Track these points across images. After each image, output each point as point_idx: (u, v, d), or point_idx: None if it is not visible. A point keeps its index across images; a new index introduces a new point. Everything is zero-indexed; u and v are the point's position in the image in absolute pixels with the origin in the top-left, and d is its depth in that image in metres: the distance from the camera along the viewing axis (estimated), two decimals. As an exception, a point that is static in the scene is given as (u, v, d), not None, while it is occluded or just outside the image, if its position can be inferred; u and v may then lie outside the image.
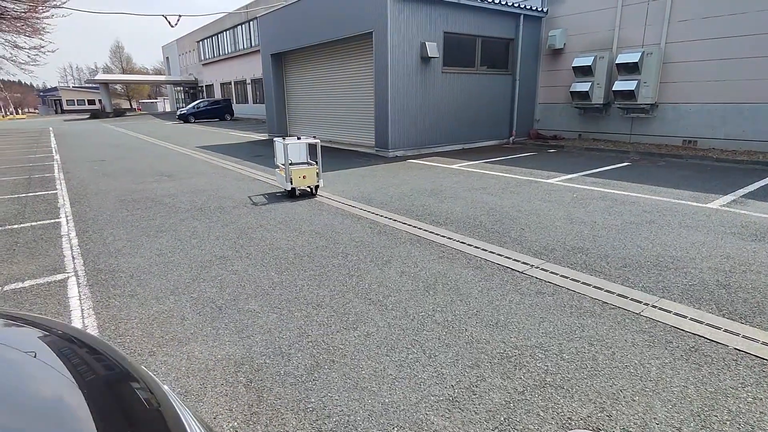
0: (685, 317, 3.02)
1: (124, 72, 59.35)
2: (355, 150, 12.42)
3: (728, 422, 2.05)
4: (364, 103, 12.31)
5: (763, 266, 3.84)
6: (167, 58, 50.46)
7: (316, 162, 6.88)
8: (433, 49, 10.77)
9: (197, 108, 29.65)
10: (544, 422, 2.08)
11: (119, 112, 42.14)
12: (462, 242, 4.64)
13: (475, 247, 4.50)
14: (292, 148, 6.94)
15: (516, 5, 12.22)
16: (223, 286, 3.67)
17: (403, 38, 10.50)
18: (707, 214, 5.46)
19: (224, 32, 33.30)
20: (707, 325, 2.92)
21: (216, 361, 2.63)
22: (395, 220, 5.48)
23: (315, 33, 12.95)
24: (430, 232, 5.01)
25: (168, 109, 53.50)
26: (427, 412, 2.16)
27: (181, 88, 46.06)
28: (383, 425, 2.09)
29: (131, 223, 5.60)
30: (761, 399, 2.20)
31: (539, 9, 12.86)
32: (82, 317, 3.21)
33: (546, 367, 2.49)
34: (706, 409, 2.15)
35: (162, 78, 50.13)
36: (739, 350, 2.63)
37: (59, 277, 3.97)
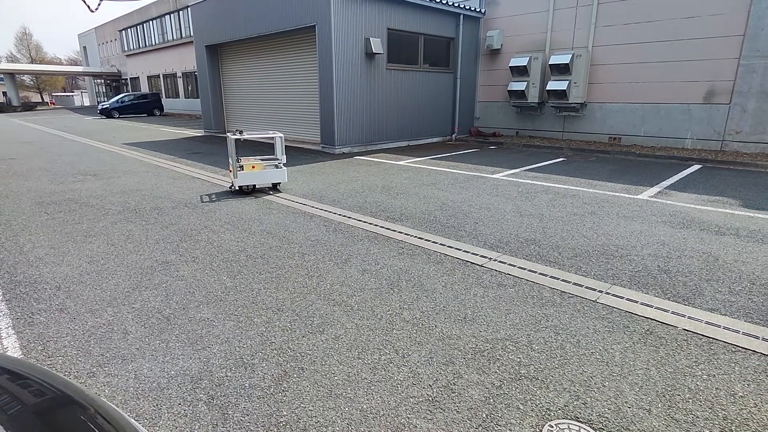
0: (636, 302, 3.19)
1: (33, 62, 53.56)
2: (299, 147, 12.07)
3: (691, 400, 2.17)
4: (309, 98, 12.00)
5: (694, 251, 4.17)
6: (84, 47, 46.23)
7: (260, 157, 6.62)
8: (378, 45, 10.72)
9: (122, 102, 27.40)
10: (525, 415, 2.07)
11: (29, 106, 38.03)
12: (419, 238, 4.61)
13: (433, 242, 4.49)
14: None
15: (456, 5, 12.48)
16: (170, 294, 3.35)
17: (347, 33, 10.34)
18: (639, 205, 5.87)
19: (150, 21, 31.08)
20: (656, 308, 3.10)
21: (169, 378, 2.36)
22: (350, 218, 5.35)
23: (254, 25, 12.41)
24: (387, 228, 4.94)
25: (87, 104, 49.12)
26: (409, 416, 2.07)
27: (102, 81, 42.43)
28: (364, 433, 1.97)
29: (53, 228, 4.99)
30: (714, 375, 2.36)
31: (477, 10, 13.24)
32: (-1, 338, 2.77)
33: (519, 359, 2.50)
34: (669, 389, 2.25)
35: (79, 69, 45.81)
36: (688, 330, 2.81)
37: (-34, 292, 3.42)
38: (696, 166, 8.80)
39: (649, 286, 3.44)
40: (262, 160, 6.72)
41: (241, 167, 6.48)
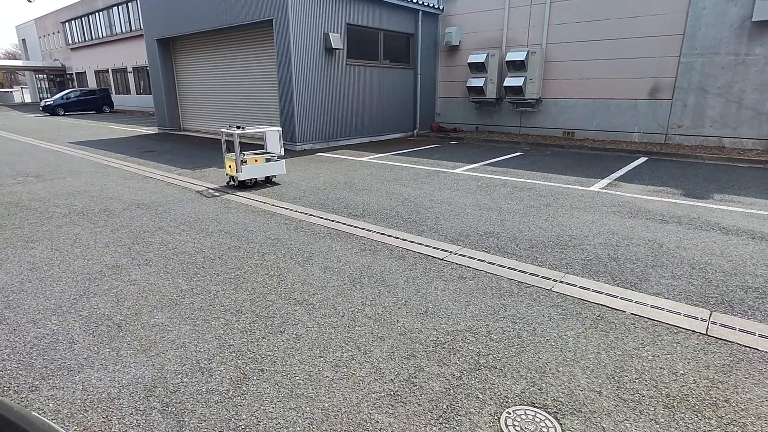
0: (588, 289, 3.34)
1: (-37, 55, 49.53)
2: (260, 144, 11.78)
3: (637, 380, 2.29)
4: (268, 94, 11.74)
5: (641, 239, 4.40)
6: (23, 40, 43.19)
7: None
8: (337, 41, 10.62)
9: (67, 98, 25.83)
10: (484, 404, 2.13)
11: (-40, 103, 35.14)
12: (382, 233, 4.62)
13: (395, 237, 4.51)
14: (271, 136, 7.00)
15: (415, 1, 12.54)
16: (120, 300, 3.20)
17: (306, 28, 10.18)
18: (591, 196, 6.13)
19: (97, 13, 29.40)
20: (606, 294, 3.25)
21: (120, 387, 2.26)
22: (311, 215, 5.29)
23: (209, 17, 11.99)
24: (349, 225, 4.92)
25: (28, 100, 45.96)
26: (371, 411, 2.08)
27: (45, 76, 39.82)
28: (325, 432, 1.96)
29: (-11, 234, 4.65)
30: (658, 356, 2.50)
31: (436, 6, 13.36)
32: (-73, 355, 2.56)
33: (478, 350, 2.56)
34: (618, 371, 2.37)
35: (18, 63, 42.76)
36: (635, 314, 2.96)
37: None
38: (643, 159, 9.28)
39: (600, 274, 3.61)
40: (258, 154, 6.94)
41: (244, 161, 6.62)
